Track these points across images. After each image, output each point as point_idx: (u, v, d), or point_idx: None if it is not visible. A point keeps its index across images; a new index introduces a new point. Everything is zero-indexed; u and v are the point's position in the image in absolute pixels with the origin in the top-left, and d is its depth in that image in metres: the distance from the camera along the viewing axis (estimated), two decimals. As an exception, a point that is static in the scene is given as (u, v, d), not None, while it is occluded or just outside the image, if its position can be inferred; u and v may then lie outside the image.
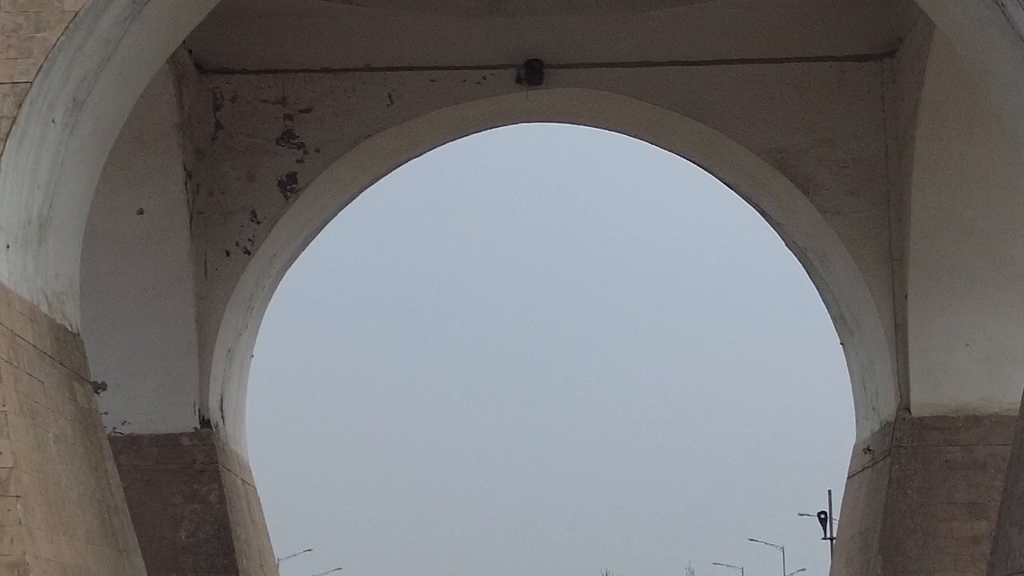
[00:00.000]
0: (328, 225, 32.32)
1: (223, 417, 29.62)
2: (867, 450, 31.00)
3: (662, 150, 32.26)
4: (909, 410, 28.84)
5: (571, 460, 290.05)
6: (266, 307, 32.02)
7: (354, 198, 31.91)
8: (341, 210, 32.03)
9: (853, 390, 32.38)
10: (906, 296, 29.00)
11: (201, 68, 29.07)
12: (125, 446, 24.97)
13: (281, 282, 32.23)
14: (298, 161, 29.37)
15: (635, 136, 32.19)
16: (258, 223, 29.24)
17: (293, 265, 32.22)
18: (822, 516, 53.64)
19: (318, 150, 29.40)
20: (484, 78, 29.51)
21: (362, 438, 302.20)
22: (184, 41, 22.27)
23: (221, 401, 29.59)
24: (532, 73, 29.26)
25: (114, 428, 24.75)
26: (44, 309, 18.33)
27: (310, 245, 32.40)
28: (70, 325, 19.42)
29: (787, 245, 32.44)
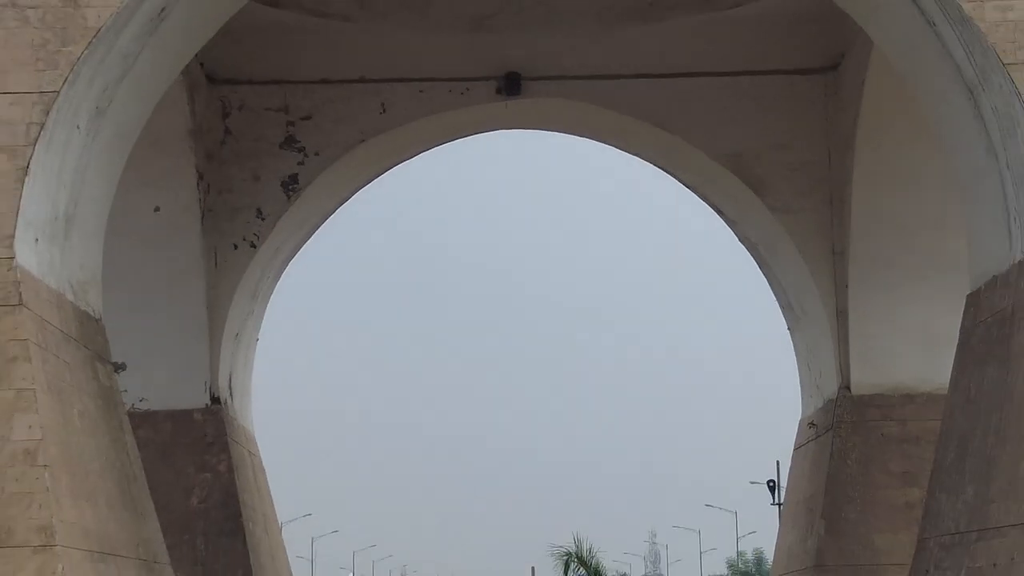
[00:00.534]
0: (327, 221, 32.26)
1: (231, 394, 29.63)
2: (811, 425, 31.07)
3: (628, 154, 32.21)
4: (849, 389, 28.93)
5: (548, 439, 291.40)
6: (271, 295, 32.03)
7: (350, 196, 31.96)
8: (339, 207, 32.04)
9: (799, 371, 32.45)
10: (847, 286, 29.08)
11: (211, 79, 29.02)
12: (142, 421, 24.89)
13: (284, 272, 32.14)
14: (299, 163, 29.38)
15: (603, 141, 32.19)
16: (263, 219, 29.24)
17: (295, 257, 32.14)
18: (771, 484, 53.63)
19: (317, 153, 29.41)
20: (467, 89, 29.48)
21: (358, 413, 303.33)
22: (196, 55, 22.19)
23: (229, 380, 29.60)
24: (511, 85, 29.32)
25: (132, 405, 24.67)
26: (69, 297, 18.26)
27: (310, 239, 32.32)
28: (93, 311, 19.35)
29: (740, 240, 32.49)
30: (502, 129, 32.17)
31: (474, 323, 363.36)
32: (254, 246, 29.25)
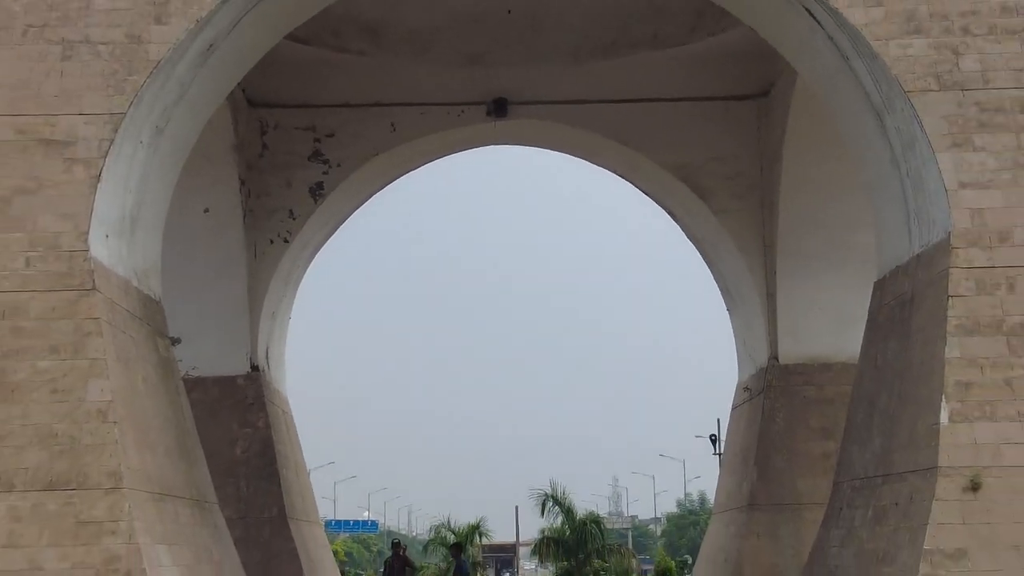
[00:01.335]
0: (347, 220, 32.19)
1: (268, 363, 29.58)
2: (746, 389, 31.06)
3: (595, 165, 32.15)
4: (777, 359, 28.94)
5: (530, 404, 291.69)
6: (301, 280, 31.94)
7: (367, 200, 31.82)
8: (357, 209, 31.91)
9: (736, 344, 32.41)
10: (775, 274, 29.08)
11: (251, 103, 28.93)
12: (194, 386, 24.83)
13: (312, 263, 32.08)
14: (324, 173, 29.32)
15: (575, 155, 32.12)
16: (294, 219, 29.20)
17: (321, 249, 32.07)
18: (713, 438, 53.51)
19: (339, 164, 29.34)
20: (463, 111, 29.39)
21: (374, 380, 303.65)
22: (239, 83, 22.15)
23: (267, 351, 29.54)
24: (499, 108, 29.20)
25: (186, 372, 24.63)
26: (134, 283, 18.23)
27: (334, 235, 32.26)
28: (153, 294, 19.31)
29: (688, 237, 32.42)
30: (491, 145, 32.08)
31: (473, 312, 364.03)
32: (287, 241, 29.19)
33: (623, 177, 31.88)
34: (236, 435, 27.76)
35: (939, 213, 16.92)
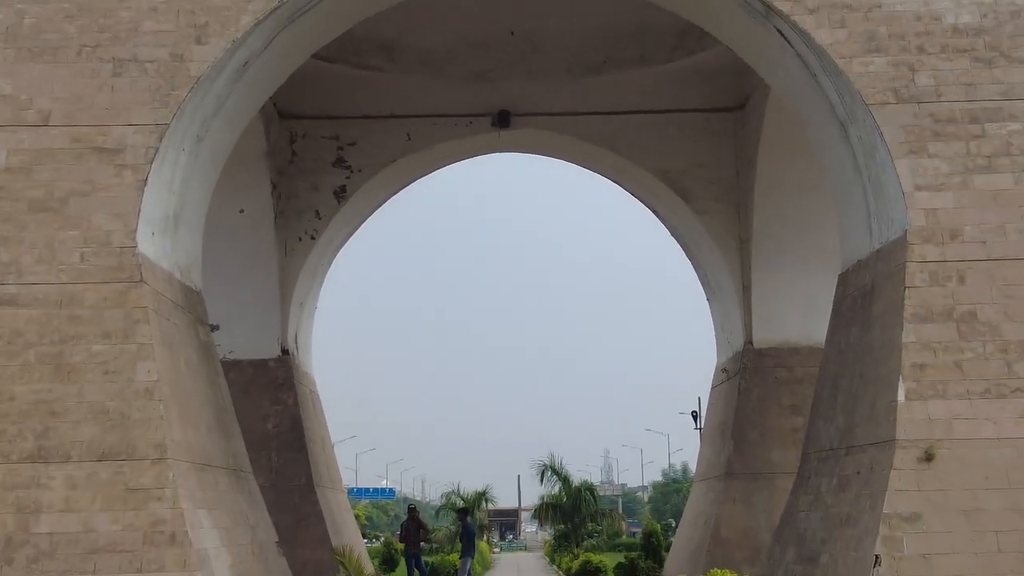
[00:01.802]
0: (368, 219, 32.21)
1: (296, 348, 29.59)
2: (724, 370, 31.06)
3: (588, 171, 32.14)
4: (752, 343, 28.93)
5: (530, 385, 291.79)
6: (326, 273, 31.94)
7: (385, 202, 31.79)
8: (377, 209, 31.88)
9: (715, 330, 32.40)
10: (750, 268, 29.06)
11: (281, 115, 28.92)
12: (231, 367, 24.84)
13: (335, 258, 32.10)
14: (347, 177, 29.32)
15: (570, 161, 32.07)
16: (320, 219, 29.20)
17: (344, 246, 32.09)
18: (694, 414, 53.50)
19: (360, 170, 29.33)
20: (470, 122, 29.38)
21: (393, 364, 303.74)
22: (270, 96, 22.14)
23: (295, 337, 29.55)
24: (503, 119, 29.20)
25: (224, 355, 24.60)
26: (177, 275, 18.25)
27: (355, 233, 32.25)
28: (194, 286, 19.33)
29: (672, 234, 32.41)
30: (496, 152, 32.01)
31: (480, 303, 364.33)
32: (313, 238, 29.18)
33: (614, 180, 31.86)
34: (268, 412, 27.79)
35: (897, 213, 16.93)
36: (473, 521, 31.13)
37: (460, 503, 54.72)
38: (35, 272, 16.22)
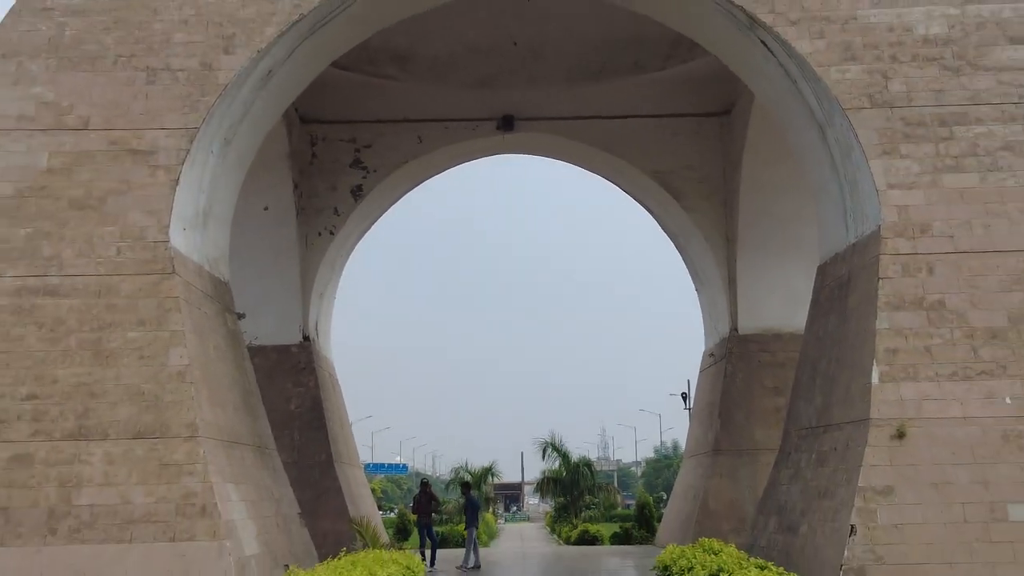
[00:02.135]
0: (383, 215, 32.20)
1: (317, 334, 29.62)
2: (711, 355, 31.08)
3: (587, 171, 32.12)
4: (737, 330, 28.95)
5: (533, 368, 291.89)
6: (344, 266, 31.93)
7: (399, 198, 31.79)
8: (391, 206, 31.89)
9: (703, 318, 32.42)
10: (735, 261, 29.09)
11: (303, 120, 28.92)
12: (256, 353, 24.90)
13: (352, 251, 32.09)
14: (363, 177, 29.34)
15: (570, 162, 32.05)
16: (338, 215, 29.21)
17: (360, 241, 32.08)
18: (684, 395, 53.32)
19: (375, 170, 29.36)
20: (476, 126, 29.39)
21: (406, 347, 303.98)
22: (292, 102, 22.14)
23: (316, 325, 29.58)
24: (506, 123, 29.24)
25: (250, 341, 24.66)
26: (207, 268, 18.28)
27: (371, 229, 32.25)
28: (223, 277, 19.35)
29: (664, 230, 32.41)
30: (501, 153, 32.02)
31: (487, 293, 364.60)
32: (332, 233, 29.20)
33: (610, 180, 31.86)
34: (291, 393, 27.85)
35: (871, 209, 16.92)
36: (477, 494, 31.06)
37: (468, 478, 54.69)
38: (75, 265, 16.26)
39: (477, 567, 23.91)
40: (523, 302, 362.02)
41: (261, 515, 16.80)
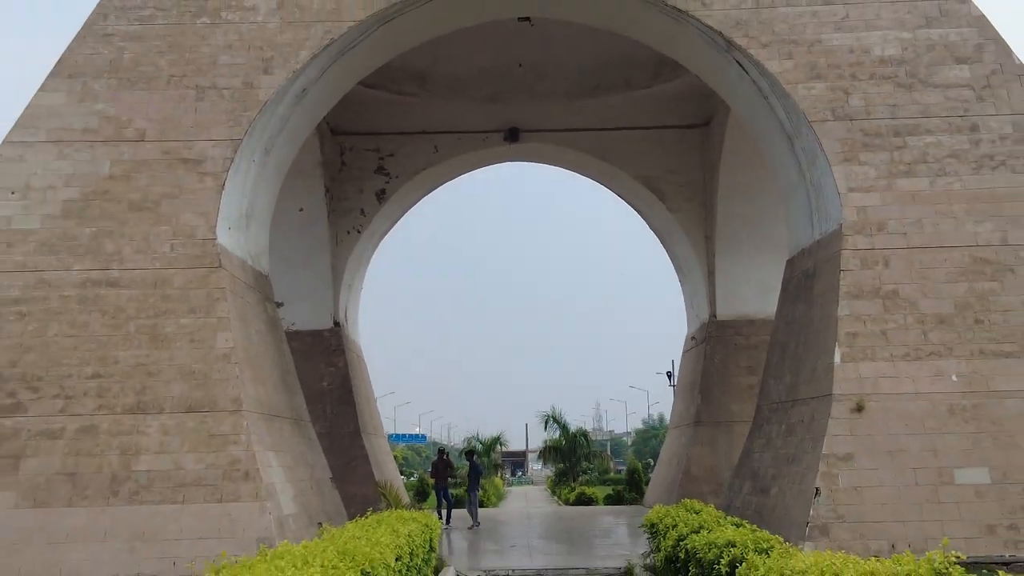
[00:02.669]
0: (403, 216, 32.19)
1: (346, 320, 29.66)
2: (693, 338, 31.07)
3: (583, 176, 32.08)
4: (715, 316, 28.94)
5: (534, 351, 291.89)
6: (370, 260, 31.95)
7: (418, 201, 31.73)
8: (411, 208, 31.86)
9: (685, 306, 32.40)
10: (714, 255, 29.09)
11: (333, 132, 28.92)
12: (293, 337, 24.94)
13: (377, 247, 32.11)
14: (386, 182, 29.35)
15: (568, 168, 32.02)
16: (364, 216, 29.23)
17: (384, 238, 32.08)
18: (669, 374, 53.30)
19: (396, 176, 29.36)
20: (486, 137, 29.38)
21: (425, 332, 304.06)
22: (324, 117, 22.16)
23: (345, 312, 29.61)
24: (512, 135, 29.20)
25: (287, 327, 24.74)
26: (249, 262, 18.29)
27: (393, 227, 32.25)
28: (263, 270, 19.37)
29: (651, 228, 32.34)
30: (507, 161, 32.02)
31: (496, 282, 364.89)
32: (359, 232, 29.22)
33: (603, 184, 31.81)
34: (323, 373, 27.91)
35: (834, 210, 16.91)
36: (480, 461, 31.03)
37: (479, 446, 54.77)
38: (134, 260, 16.30)
39: (476, 525, 24.03)
40: (526, 294, 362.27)
41: (297, 479, 16.85)
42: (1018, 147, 16.82)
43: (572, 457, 51.39)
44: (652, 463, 58.22)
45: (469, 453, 26.69)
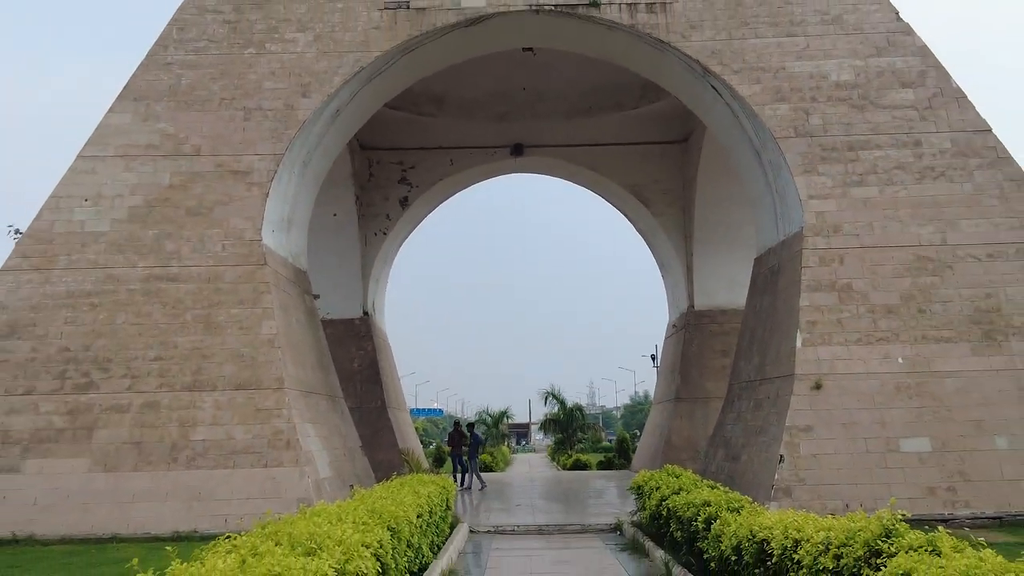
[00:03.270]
0: (423, 221, 32.20)
1: (373, 310, 29.64)
2: (673, 325, 31.01)
3: (578, 185, 32.03)
4: (693, 306, 28.88)
5: (540, 332, 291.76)
6: (394, 259, 31.92)
7: (436, 207, 31.65)
8: (430, 213, 31.83)
9: (667, 297, 32.34)
10: (691, 254, 29.00)
11: (362, 147, 28.88)
12: (328, 325, 25.00)
13: (401, 247, 32.10)
14: (408, 191, 29.30)
15: (566, 179, 31.92)
16: (390, 220, 29.19)
17: (407, 239, 32.06)
18: (653, 356, 53.30)
19: (417, 186, 29.32)
20: (494, 152, 29.32)
21: (442, 319, 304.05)
22: (355, 134, 22.13)
23: (372, 303, 29.59)
24: (517, 149, 29.13)
25: (323, 316, 24.75)
26: (290, 260, 18.30)
27: (414, 231, 32.23)
28: (302, 267, 19.36)
29: (637, 230, 32.23)
30: (512, 173, 31.96)
31: (502, 276, 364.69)
32: (385, 234, 29.18)
33: (596, 192, 31.70)
34: (354, 355, 27.91)
35: (796, 215, 16.88)
36: (479, 432, 30.78)
37: (488, 419, 54.78)
38: (191, 258, 16.33)
39: (468, 488, 23.86)
40: (532, 286, 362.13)
41: (332, 447, 16.88)
42: (956, 160, 16.80)
43: (569, 428, 51.36)
44: (638, 434, 58.19)
45: (470, 426, 26.56)
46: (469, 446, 25.14)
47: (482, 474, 26.47)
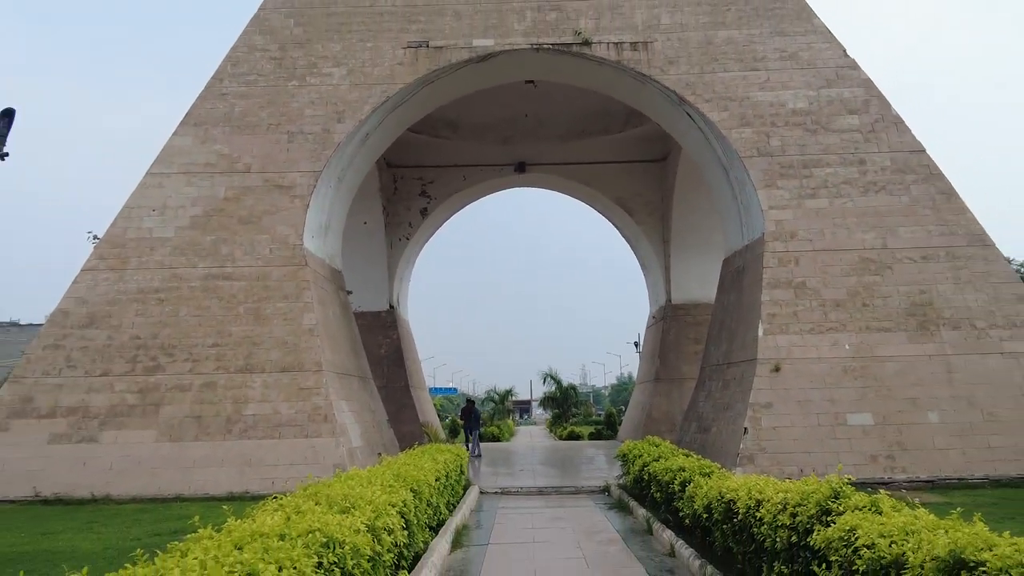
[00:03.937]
0: (440, 228, 32.10)
1: (398, 304, 29.62)
2: (653, 317, 30.97)
3: (572, 197, 31.99)
4: (671, 300, 28.86)
5: (540, 322, 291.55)
6: (416, 260, 31.86)
7: (451, 216, 31.58)
8: (446, 221, 31.77)
9: (648, 293, 32.29)
10: (669, 256, 28.96)
11: (388, 165, 28.84)
12: (359, 316, 25.04)
13: (421, 251, 32.07)
14: (428, 203, 29.25)
15: (564, 193, 31.85)
16: (411, 227, 29.15)
17: (427, 243, 32.03)
18: (636, 343, 53.26)
19: (435, 198, 29.26)
20: (501, 169, 29.26)
21: (456, 313, 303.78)
22: (382, 154, 22.09)
23: (397, 298, 29.56)
24: (521, 167, 29.03)
25: (356, 309, 24.79)
26: (327, 261, 18.30)
27: (433, 236, 32.20)
28: (337, 267, 19.37)
29: (622, 236, 32.19)
30: (517, 187, 31.92)
31: (507, 272, 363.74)
32: (407, 239, 29.10)
33: (588, 204, 31.62)
34: (381, 343, 27.91)
35: (758, 223, 16.85)
36: (478, 408, 30.47)
37: (496, 396, 54.70)
38: (243, 260, 16.35)
39: (479, 456, 23.94)
40: (531, 287, 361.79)
41: (363, 421, 16.91)
42: (895, 176, 16.76)
43: (564, 404, 51.34)
44: (623, 409, 58.19)
45: (469, 402, 26.36)
46: (470, 419, 25.05)
47: (490, 443, 26.40)
